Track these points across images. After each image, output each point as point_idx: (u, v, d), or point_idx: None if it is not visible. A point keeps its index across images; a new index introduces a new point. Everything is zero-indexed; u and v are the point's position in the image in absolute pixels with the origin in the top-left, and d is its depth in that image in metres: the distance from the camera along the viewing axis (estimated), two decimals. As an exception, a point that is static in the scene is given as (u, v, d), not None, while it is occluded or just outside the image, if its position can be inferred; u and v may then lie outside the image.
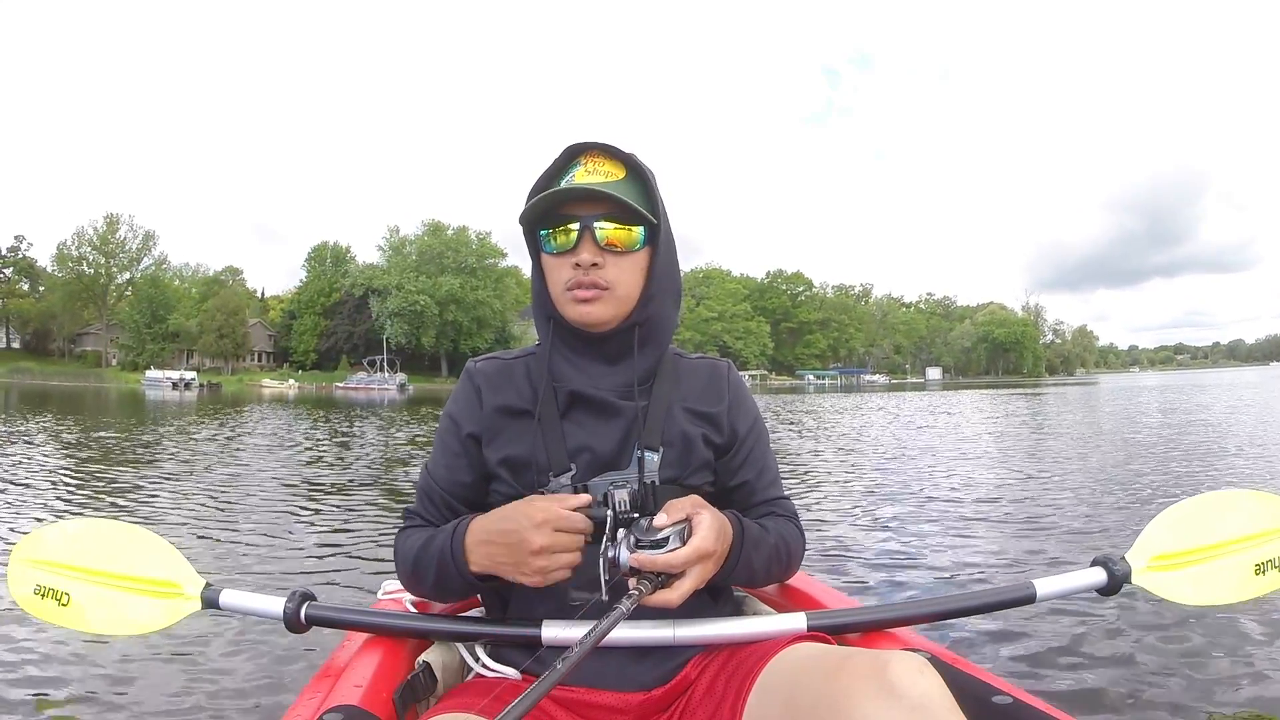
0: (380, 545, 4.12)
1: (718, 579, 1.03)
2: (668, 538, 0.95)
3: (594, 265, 1.07)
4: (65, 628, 1.35)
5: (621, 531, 0.97)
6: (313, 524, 4.77)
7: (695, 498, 1.02)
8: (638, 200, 1.08)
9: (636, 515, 1.03)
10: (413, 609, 1.38)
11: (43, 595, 1.34)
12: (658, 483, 1.10)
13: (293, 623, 1.22)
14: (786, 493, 1.27)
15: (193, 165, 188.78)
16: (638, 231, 1.09)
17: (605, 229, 1.07)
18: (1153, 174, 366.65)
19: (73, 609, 1.33)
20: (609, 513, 1.01)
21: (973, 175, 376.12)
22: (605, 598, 0.92)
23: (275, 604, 1.24)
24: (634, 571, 0.94)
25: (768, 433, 1.27)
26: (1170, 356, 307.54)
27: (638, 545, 0.95)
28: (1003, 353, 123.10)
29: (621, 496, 1.06)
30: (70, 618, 1.33)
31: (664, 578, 0.95)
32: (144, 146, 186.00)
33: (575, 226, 1.07)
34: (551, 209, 1.09)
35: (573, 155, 1.11)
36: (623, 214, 1.07)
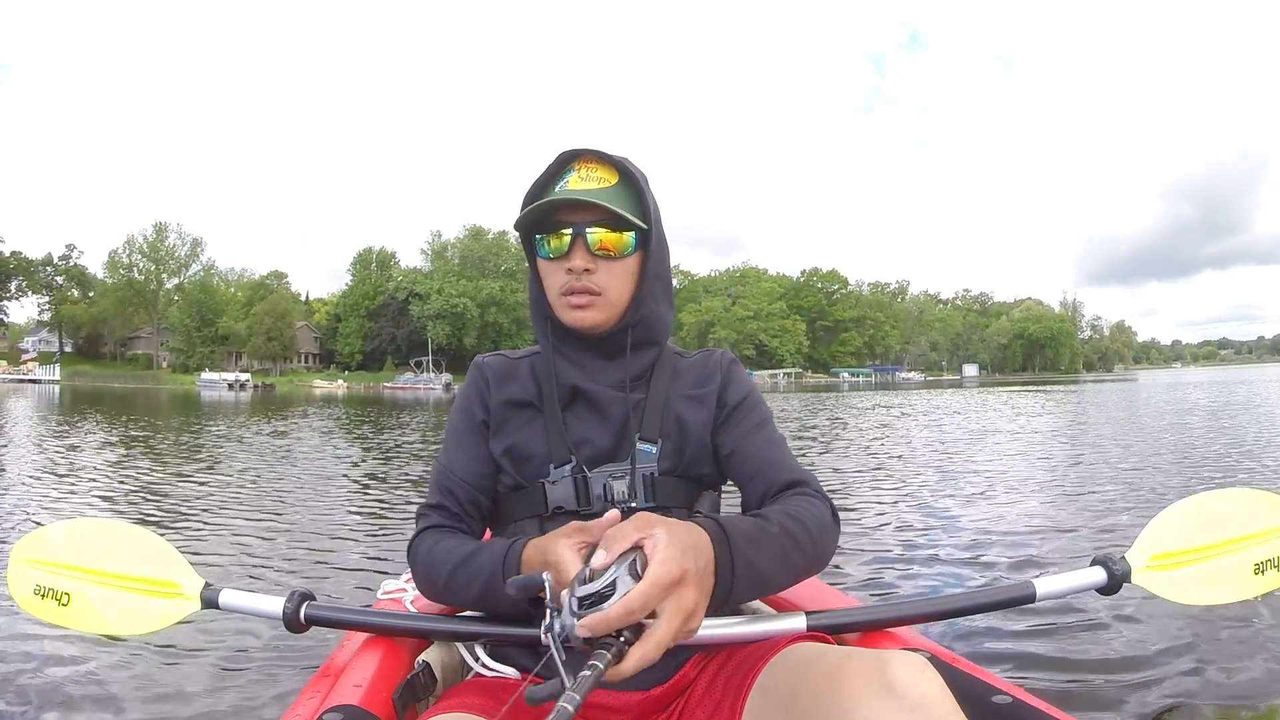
0: (381, 544, 4.13)
1: (720, 598, 0.88)
2: (614, 581, 0.75)
3: (586, 271, 1.09)
4: (65, 627, 1.36)
5: (564, 593, 0.76)
6: (314, 523, 4.78)
7: (643, 515, 0.83)
8: (629, 205, 1.10)
9: (634, 505, 1.04)
10: (412, 609, 1.39)
11: (43, 595, 1.34)
12: (656, 474, 1.13)
13: (292, 623, 1.22)
14: (805, 475, 1.14)
15: (236, 171, 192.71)
16: (629, 237, 1.11)
17: (597, 235, 1.09)
18: (1211, 159, 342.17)
19: (72, 609, 1.33)
20: (545, 581, 0.76)
21: (1019, 165, 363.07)
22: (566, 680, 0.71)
23: (274, 604, 1.24)
24: (591, 641, 0.73)
25: (771, 415, 1.23)
26: (1214, 352, 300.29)
27: (581, 604, 0.74)
28: (1039, 349, 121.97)
29: (620, 488, 1.10)
30: (70, 618, 1.34)
31: (628, 635, 0.75)
32: (188, 155, 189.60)
33: (568, 233, 1.09)
34: (546, 215, 1.10)
35: (566, 161, 1.13)
36: (614, 220, 1.09)
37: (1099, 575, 1.30)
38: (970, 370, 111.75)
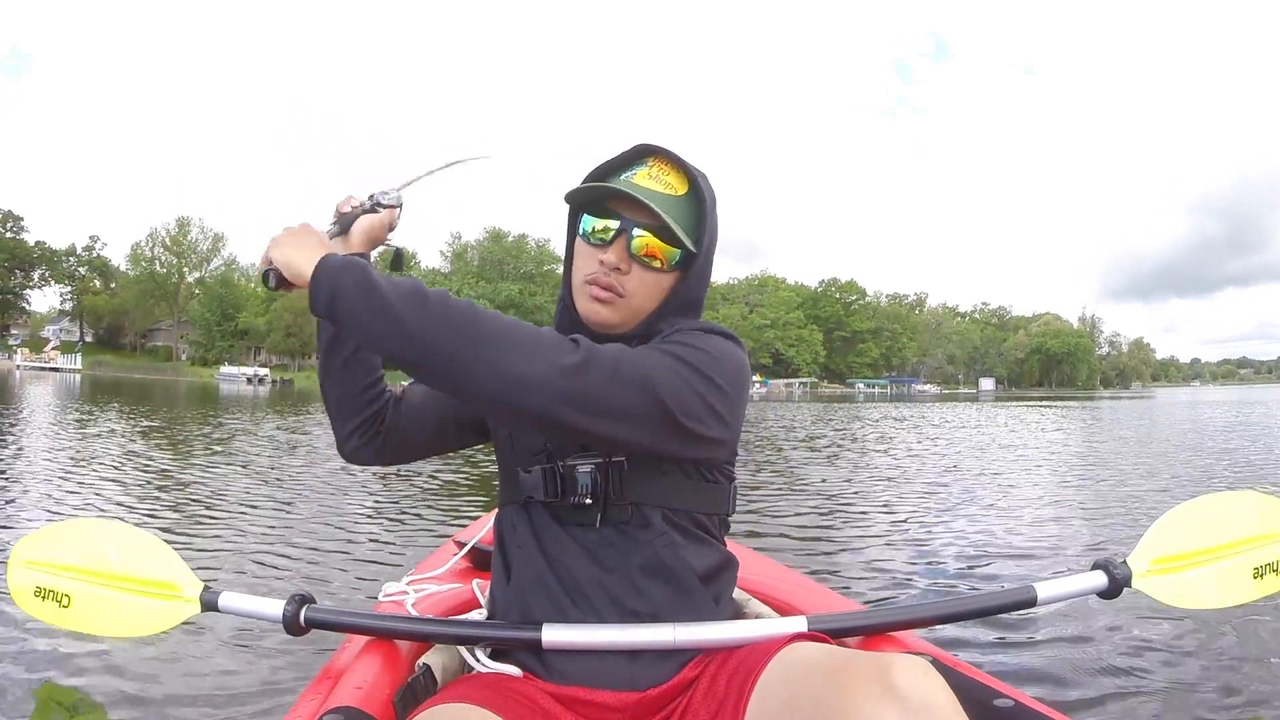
0: (381, 546, 4.16)
1: (322, 282, 0.97)
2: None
3: (618, 270, 1.07)
4: (65, 629, 1.36)
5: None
6: (313, 524, 4.72)
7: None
8: (688, 221, 1.08)
9: (587, 500, 1.05)
10: (413, 612, 1.37)
11: (44, 597, 1.35)
12: (626, 466, 1.06)
13: (291, 626, 1.21)
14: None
15: (259, 168, 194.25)
16: (674, 252, 1.08)
17: (642, 239, 1.06)
18: (1237, 175, 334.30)
19: (73, 610, 1.33)
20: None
21: (1041, 178, 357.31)
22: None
23: (274, 606, 1.24)
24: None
25: (694, 359, 1.01)
26: (1233, 371, 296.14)
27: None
28: (1056, 365, 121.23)
29: (584, 480, 1.06)
30: (71, 619, 1.34)
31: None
32: (212, 150, 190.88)
33: (616, 225, 1.06)
34: (601, 198, 1.09)
35: (641, 153, 1.11)
36: (665, 232, 1.06)
37: (1100, 579, 1.30)
38: (987, 384, 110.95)
